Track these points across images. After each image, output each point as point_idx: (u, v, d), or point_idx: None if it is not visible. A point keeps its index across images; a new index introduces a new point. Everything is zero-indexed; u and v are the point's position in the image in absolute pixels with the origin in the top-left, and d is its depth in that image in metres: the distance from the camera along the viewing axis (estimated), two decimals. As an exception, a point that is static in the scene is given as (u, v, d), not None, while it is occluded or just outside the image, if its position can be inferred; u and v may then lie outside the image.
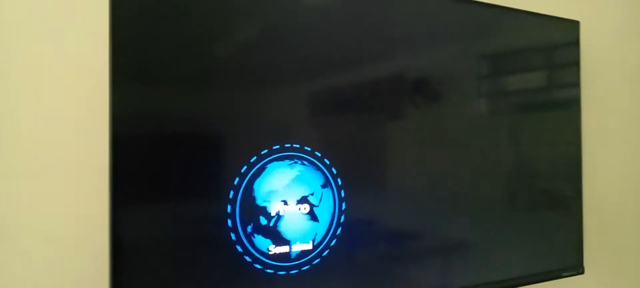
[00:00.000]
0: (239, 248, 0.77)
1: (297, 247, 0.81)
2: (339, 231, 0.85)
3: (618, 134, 1.50)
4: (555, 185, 1.21)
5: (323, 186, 0.83)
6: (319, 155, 0.83)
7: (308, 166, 0.82)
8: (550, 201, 1.19)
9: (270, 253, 0.79)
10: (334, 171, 0.85)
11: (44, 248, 0.80)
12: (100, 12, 0.83)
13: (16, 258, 0.78)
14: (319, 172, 0.83)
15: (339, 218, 0.85)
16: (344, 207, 0.85)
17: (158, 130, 0.73)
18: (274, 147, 0.80)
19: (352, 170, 0.87)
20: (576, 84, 1.24)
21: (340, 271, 0.86)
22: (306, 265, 0.82)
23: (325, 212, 0.84)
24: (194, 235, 0.76)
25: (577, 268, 1.21)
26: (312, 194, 0.82)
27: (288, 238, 0.80)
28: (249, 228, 0.77)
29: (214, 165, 0.77)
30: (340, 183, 0.85)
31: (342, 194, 0.85)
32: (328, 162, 0.84)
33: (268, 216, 0.78)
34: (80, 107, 0.83)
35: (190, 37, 0.75)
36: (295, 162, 0.81)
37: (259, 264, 0.78)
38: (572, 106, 1.23)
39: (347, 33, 0.89)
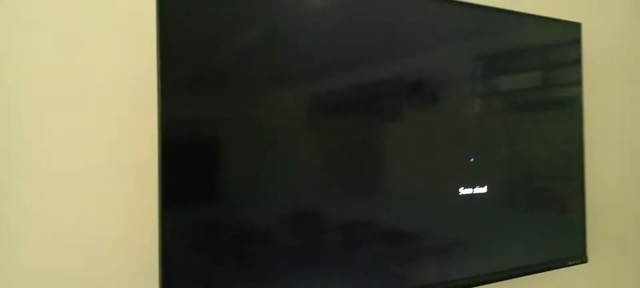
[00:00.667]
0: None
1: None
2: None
3: (619, 131, 1.56)
4: (559, 180, 1.27)
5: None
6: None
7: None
8: (555, 196, 1.26)
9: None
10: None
11: (95, 248, 0.86)
12: (147, 16, 0.90)
13: (69, 256, 0.84)
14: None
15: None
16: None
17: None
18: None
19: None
20: (578, 83, 1.30)
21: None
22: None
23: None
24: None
25: (581, 257, 1.28)
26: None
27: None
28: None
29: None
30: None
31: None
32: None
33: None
34: (128, 110, 0.89)
35: (245, 39, 0.81)
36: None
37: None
38: (574, 105, 1.30)
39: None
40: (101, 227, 0.86)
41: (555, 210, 1.25)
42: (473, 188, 1.09)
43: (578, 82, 1.31)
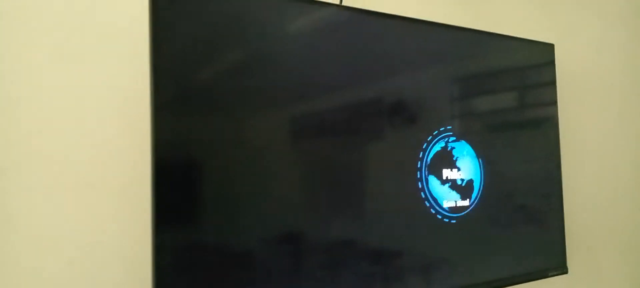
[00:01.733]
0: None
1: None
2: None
3: (594, 146, 1.63)
4: (538, 196, 1.32)
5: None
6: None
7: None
8: (535, 210, 1.31)
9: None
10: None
11: (87, 261, 0.88)
12: (140, 35, 0.93)
13: (59, 270, 0.86)
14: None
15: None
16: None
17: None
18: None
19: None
20: (554, 102, 1.36)
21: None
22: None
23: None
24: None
25: (562, 268, 1.33)
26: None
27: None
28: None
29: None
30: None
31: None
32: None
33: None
34: (121, 127, 0.92)
35: (237, 60, 0.85)
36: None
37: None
38: (550, 123, 1.35)
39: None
40: (92, 243, 0.88)
41: (535, 224, 1.30)
42: (455, 205, 1.13)
43: (553, 101, 1.37)
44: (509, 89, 1.29)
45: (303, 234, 0.92)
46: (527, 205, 1.29)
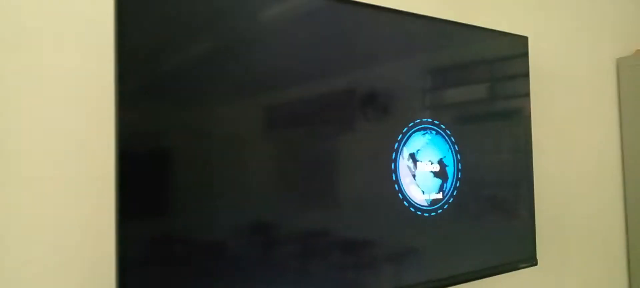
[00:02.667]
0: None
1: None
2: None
3: (565, 139, 1.65)
4: (509, 188, 1.33)
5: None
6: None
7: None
8: (506, 202, 1.31)
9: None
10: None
11: (47, 258, 0.82)
12: (105, 27, 0.88)
13: (20, 268, 0.80)
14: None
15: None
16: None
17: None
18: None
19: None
20: (526, 94, 1.37)
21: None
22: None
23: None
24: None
25: (531, 261, 1.34)
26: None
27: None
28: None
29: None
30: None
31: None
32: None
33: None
34: (85, 117, 0.86)
35: (203, 50, 0.81)
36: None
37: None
38: (523, 115, 1.36)
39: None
40: (56, 236, 0.83)
41: (505, 216, 1.30)
42: (428, 197, 1.12)
43: (526, 93, 1.37)
44: (483, 80, 1.29)
45: (273, 225, 0.89)
46: (499, 197, 1.29)
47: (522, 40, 1.37)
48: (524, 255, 1.32)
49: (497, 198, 1.29)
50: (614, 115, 1.81)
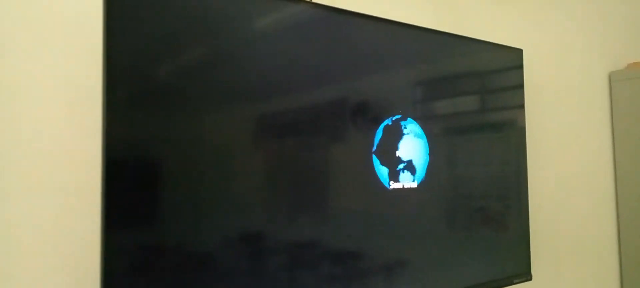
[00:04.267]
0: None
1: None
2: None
3: (559, 151, 1.64)
4: (504, 201, 1.31)
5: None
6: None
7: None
8: (500, 216, 1.29)
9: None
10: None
11: (31, 265, 0.79)
12: (93, 27, 0.85)
13: (3, 275, 0.77)
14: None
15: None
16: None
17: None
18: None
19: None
20: (521, 107, 1.36)
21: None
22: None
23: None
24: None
25: (526, 276, 1.32)
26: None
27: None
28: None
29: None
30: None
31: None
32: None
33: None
34: (71, 123, 0.83)
35: (194, 57, 0.78)
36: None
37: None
38: (517, 127, 1.35)
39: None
40: (39, 245, 0.79)
41: (500, 230, 1.28)
42: (420, 208, 1.10)
43: (521, 105, 1.36)
44: (478, 92, 1.28)
45: (260, 233, 0.86)
46: (492, 210, 1.27)
47: (517, 53, 1.37)
48: (519, 270, 1.31)
49: (491, 211, 1.27)
50: (607, 128, 1.81)
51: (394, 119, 1.06)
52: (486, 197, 1.26)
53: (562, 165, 1.65)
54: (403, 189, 1.06)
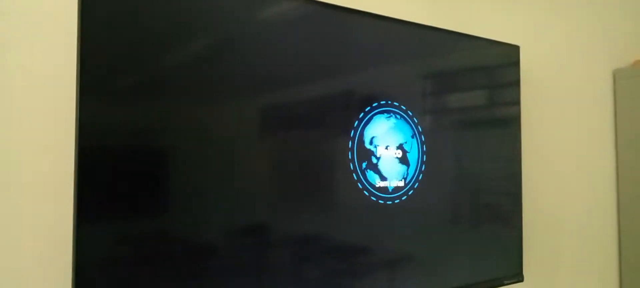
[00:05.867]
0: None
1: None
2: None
3: (555, 150, 1.61)
4: (497, 199, 1.29)
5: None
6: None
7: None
8: (493, 215, 1.28)
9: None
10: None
11: (6, 265, 0.80)
12: (68, 23, 0.85)
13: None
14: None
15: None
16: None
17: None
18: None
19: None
20: (517, 104, 1.33)
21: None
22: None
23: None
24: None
25: (518, 277, 1.30)
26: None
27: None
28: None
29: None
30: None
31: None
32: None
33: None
34: (45, 116, 0.83)
35: (163, 46, 0.78)
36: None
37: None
38: (512, 124, 1.32)
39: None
40: (15, 244, 0.80)
41: (492, 230, 1.27)
42: (409, 207, 1.09)
43: (516, 102, 1.34)
44: (474, 88, 1.25)
45: (260, 228, 0.86)
46: (484, 208, 1.25)
47: (513, 49, 1.34)
48: (510, 271, 1.29)
49: (482, 210, 1.25)
50: (610, 127, 1.77)
51: (387, 113, 1.05)
52: (478, 196, 1.24)
53: (562, 164, 1.62)
54: (394, 187, 1.05)
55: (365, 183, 1.01)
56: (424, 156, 1.11)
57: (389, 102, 1.06)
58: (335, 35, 0.99)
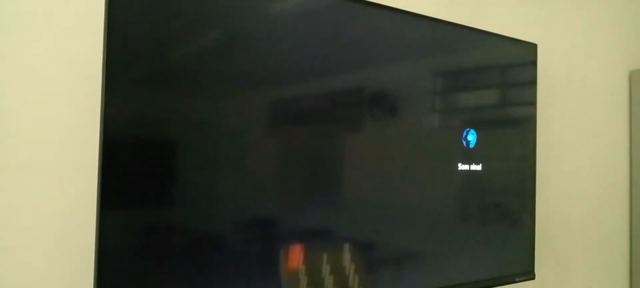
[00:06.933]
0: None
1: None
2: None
3: (570, 150, 1.61)
4: (510, 197, 1.29)
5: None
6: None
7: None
8: (506, 212, 1.28)
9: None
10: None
11: (28, 246, 0.81)
12: (96, 13, 0.86)
13: (1, 261, 0.79)
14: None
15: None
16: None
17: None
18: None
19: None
20: (533, 103, 1.33)
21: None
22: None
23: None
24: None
25: (529, 274, 1.30)
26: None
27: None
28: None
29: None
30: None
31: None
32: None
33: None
34: (71, 106, 0.85)
35: (190, 38, 0.79)
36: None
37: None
38: (528, 124, 1.32)
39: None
40: (37, 226, 0.81)
41: (505, 227, 1.27)
42: (428, 201, 1.09)
43: (532, 102, 1.33)
44: (488, 86, 1.25)
45: (268, 222, 0.87)
46: (498, 206, 1.26)
47: (531, 48, 1.33)
48: (521, 268, 1.29)
49: (497, 207, 1.25)
50: (624, 129, 1.76)
51: (400, 110, 1.05)
52: (492, 193, 1.24)
53: (575, 165, 1.62)
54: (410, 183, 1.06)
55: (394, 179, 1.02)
56: (437, 155, 1.12)
57: (408, 104, 1.06)
58: (348, 28, 0.99)
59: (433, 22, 1.12)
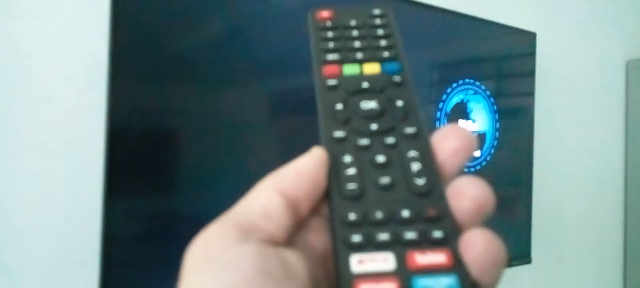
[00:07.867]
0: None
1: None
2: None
3: (570, 139, 1.63)
4: (508, 186, 1.32)
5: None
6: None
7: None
8: (503, 199, 1.30)
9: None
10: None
11: (34, 233, 0.83)
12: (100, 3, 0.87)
13: (6, 245, 0.81)
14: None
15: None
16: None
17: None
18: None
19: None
20: (531, 93, 1.35)
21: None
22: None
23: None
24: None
25: (526, 258, 1.33)
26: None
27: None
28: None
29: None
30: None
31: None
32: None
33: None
34: (76, 97, 0.86)
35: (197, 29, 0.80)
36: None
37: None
38: (526, 113, 1.34)
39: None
40: (42, 211, 0.83)
41: (501, 212, 1.30)
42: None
43: (530, 91, 1.35)
44: (487, 75, 1.27)
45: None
46: (497, 192, 1.28)
47: (530, 37, 1.35)
48: (518, 252, 1.32)
49: (496, 193, 1.28)
50: (621, 118, 1.78)
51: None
52: (489, 179, 1.26)
53: (572, 153, 1.64)
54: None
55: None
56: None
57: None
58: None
59: (430, 10, 1.13)
